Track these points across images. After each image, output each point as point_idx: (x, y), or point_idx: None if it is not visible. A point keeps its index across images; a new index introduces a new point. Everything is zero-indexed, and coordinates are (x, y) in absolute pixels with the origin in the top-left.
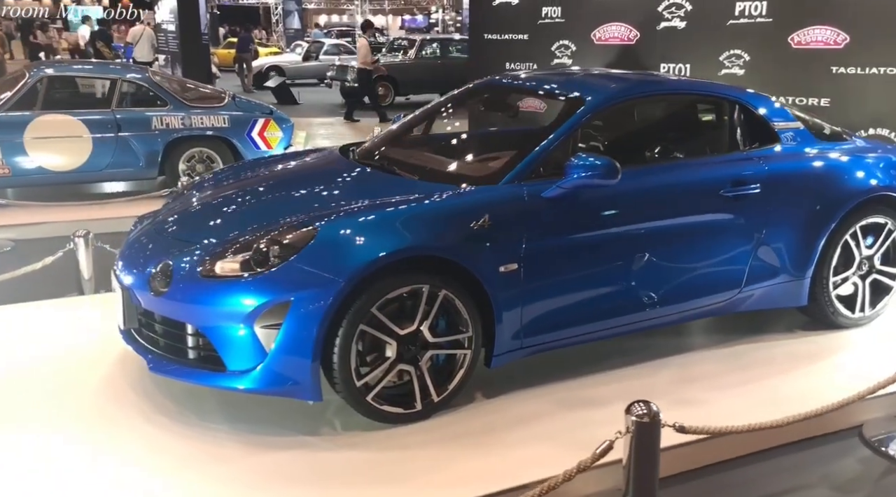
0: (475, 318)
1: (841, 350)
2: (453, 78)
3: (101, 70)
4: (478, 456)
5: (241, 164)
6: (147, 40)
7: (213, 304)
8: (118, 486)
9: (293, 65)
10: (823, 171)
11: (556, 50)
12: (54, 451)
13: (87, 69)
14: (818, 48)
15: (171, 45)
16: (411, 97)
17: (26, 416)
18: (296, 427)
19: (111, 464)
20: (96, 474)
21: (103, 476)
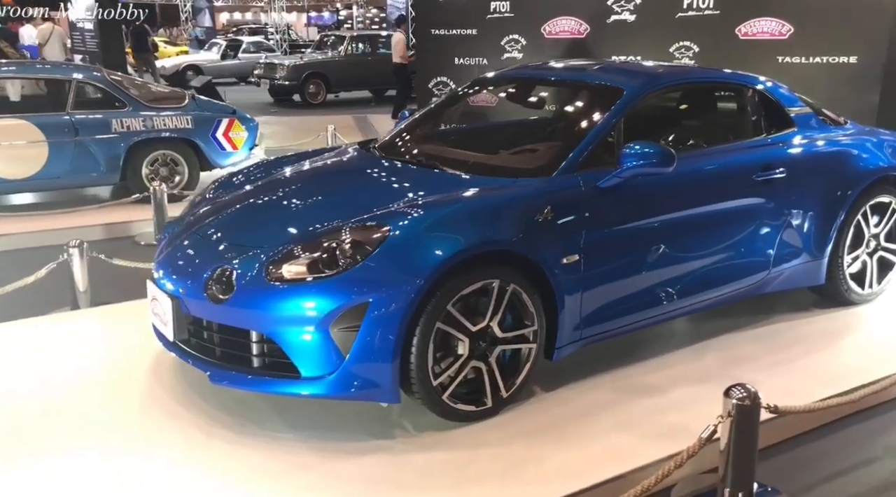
0: (540, 312)
1: (866, 325)
2: (384, 75)
3: (53, 71)
4: (561, 450)
5: (262, 163)
6: (57, 39)
7: (284, 309)
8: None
9: (211, 64)
10: (837, 154)
11: (506, 44)
12: (128, 475)
13: (37, 70)
14: (764, 39)
15: (90, 45)
16: (341, 95)
17: (80, 441)
18: (366, 431)
19: (192, 481)
20: (181, 492)
21: (189, 493)
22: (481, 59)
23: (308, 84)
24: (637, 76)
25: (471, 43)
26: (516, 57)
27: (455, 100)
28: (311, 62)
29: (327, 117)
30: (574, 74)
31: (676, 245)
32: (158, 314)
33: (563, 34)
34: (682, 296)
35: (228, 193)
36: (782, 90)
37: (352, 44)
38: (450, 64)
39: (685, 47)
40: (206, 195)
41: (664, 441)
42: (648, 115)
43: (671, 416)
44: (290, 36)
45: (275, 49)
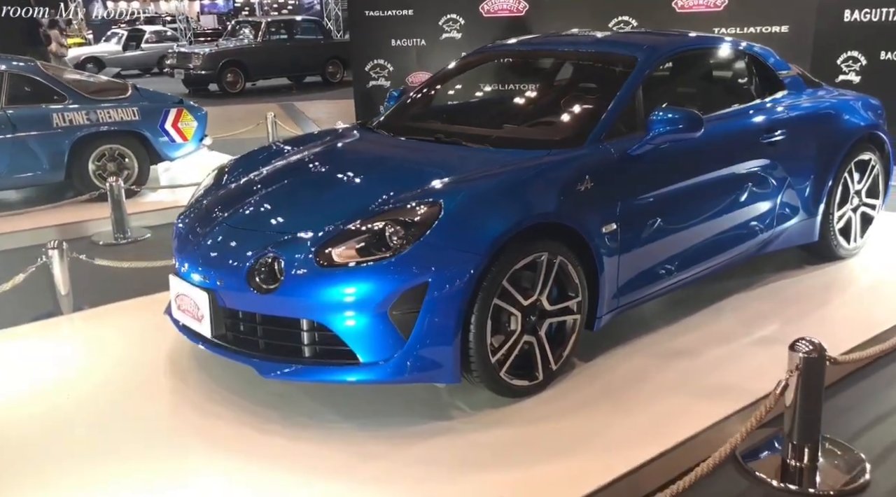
0: (583, 283)
1: (859, 276)
2: (303, 61)
3: None
4: (621, 417)
5: (268, 147)
6: None
7: (339, 295)
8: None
9: (113, 55)
10: (827, 115)
11: (444, 24)
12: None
13: None
14: (700, 11)
15: None
16: (259, 82)
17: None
18: (421, 414)
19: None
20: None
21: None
22: (419, 40)
23: (225, 73)
24: (647, 44)
25: (407, 24)
26: (455, 37)
27: (450, 75)
28: (227, 50)
29: (252, 106)
30: (582, 46)
31: (700, 208)
32: (188, 310)
33: (502, 13)
34: (705, 258)
35: (242, 179)
36: (773, 54)
37: (268, 30)
38: (386, 46)
39: (624, 22)
40: (214, 181)
41: (717, 400)
42: (655, 82)
43: (715, 376)
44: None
45: (179, 38)
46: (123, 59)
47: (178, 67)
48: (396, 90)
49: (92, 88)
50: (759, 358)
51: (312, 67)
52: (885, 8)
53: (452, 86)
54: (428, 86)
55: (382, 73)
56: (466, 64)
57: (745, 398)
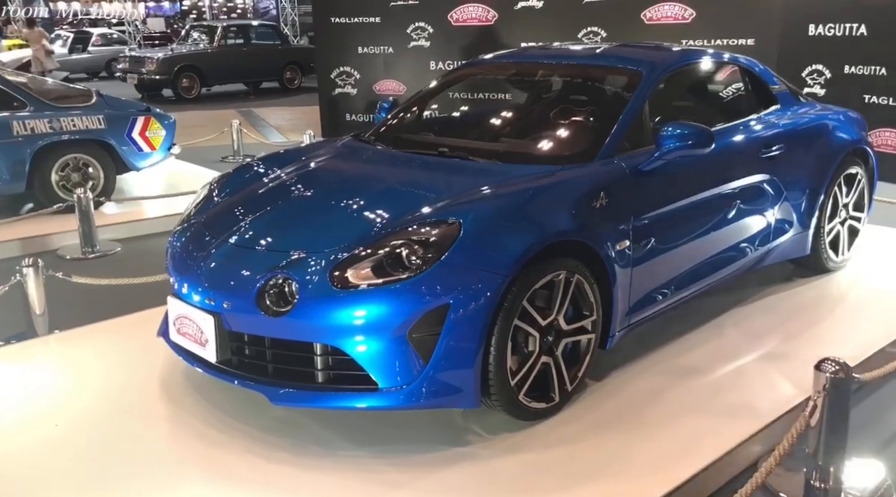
0: (598, 301)
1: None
2: (260, 66)
3: None
4: (643, 440)
5: (261, 160)
6: None
7: (356, 318)
8: None
9: (58, 58)
10: (818, 130)
11: (412, 32)
12: None
13: None
14: (669, 23)
15: None
16: (215, 88)
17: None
18: (437, 440)
19: None
20: None
21: None
22: (387, 48)
23: (181, 78)
24: (649, 58)
25: (374, 31)
26: (423, 45)
27: (444, 86)
28: (182, 54)
29: (210, 113)
30: (582, 59)
31: (707, 223)
32: (190, 334)
33: (471, 21)
34: (710, 273)
35: (239, 194)
36: (764, 68)
37: (225, 35)
38: (352, 53)
39: (593, 32)
40: (207, 196)
41: (734, 419)
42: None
43: (727, 394)
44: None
45: (128, 41)
46: (70, 63)
47: (130, 72)
48: (387, 102)
49: (54, 95)
50: (768, 375)
51: (270, 73)
52: (848, 23)
53: (446, 97)
54: (422, 97)
55: (349, 80)
56: (461, 75)
57: (762, 417)
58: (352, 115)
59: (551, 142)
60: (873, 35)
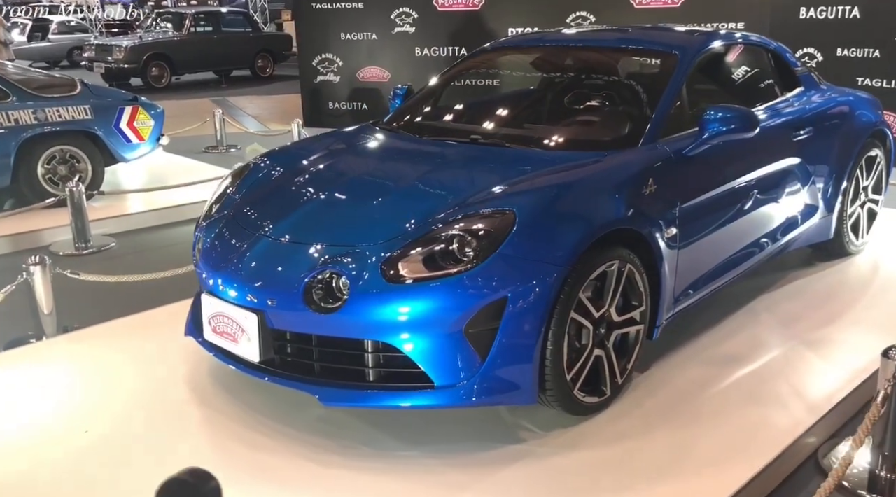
0: (647, 291)
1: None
2: (231, 54)
3: None
4: (701, 433)
5: (285, 149)
6: None
7: (410, 314)
8: None
9: (17, 46)
10: (841, 112)
11: (396, 18)
12: None
13: None
14: (658, 7)
15: None
16: (185, 76)
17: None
18: (491, 438)
19: None
20: None
21: None
22: (370, 34)
23: (150, 66)
24: (682, 40)
25: (357, 17)
26: (408, 31)
27: (462, 71)
28: (152, 42)
29: (183, 102)
30: (613, 42)
31: (746, 207)
32: (229, 333)
33: (457, 7)
34: (748, 258)
35: (271, 185)
36: (788, 51)
37: (194, 22)
38: (335, 40)
39: (581, 17)
40: (234, 187)
41: (788, 409)
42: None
43: (774, 383)
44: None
45: (89, 29)
46: (29, 52)
47: (97, 60)
48: (402, 88)
49: (37, 84)
50: (812, 362)
51: (241, 61)
52: (840, 6)
53: (468, 82)
54: (441, 83)
55: (331, 67)
56: (480, 60)
57: (816, 406)
58: (335, 103)
59: (593, 127)
60: (866, 17)
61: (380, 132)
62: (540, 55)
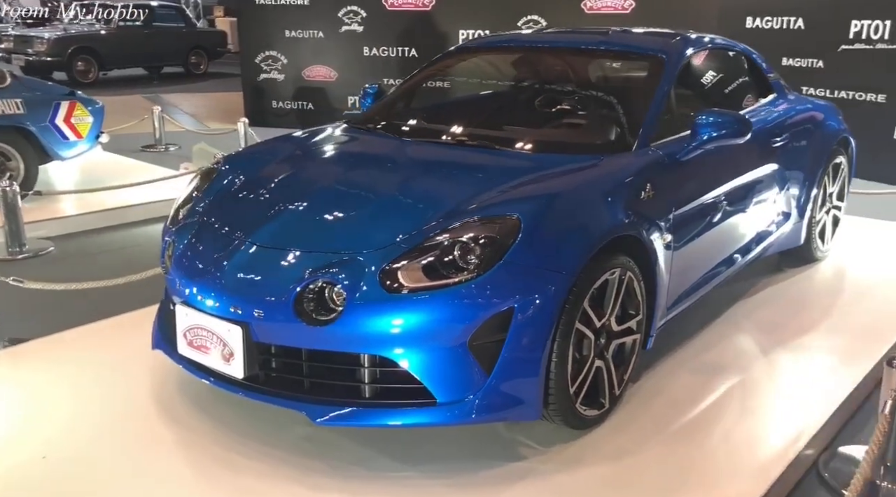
0: (643, 300)
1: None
2: (162, 50)
3: None
4: (702, 446)
5: (256, 149)
6: None
7: (411, 326)
8: None
9: None
10: (812, 118)
11: (344, 16)
12: None
13: None
14: (609, 13)
15: None
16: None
17: None
18: (489, 455)
19: None
20: None
21: None
22: (316, 33)
23: (75, 60)
24: (666, 43)
25: (302, 14)
26: (356, 30)
27: (441, 69)
28: (77, 35)
29: (114, 98)
30: (597, 45)
31: (732, 213)
32: (208, 347)
33: (406, 6)
34: (729, 264)
35: (247, 186)
36: (761, 57)
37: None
38: (279, 37)
39: (533, 21)
40: (204, 189)
41: (784, 420)
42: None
43: (767, 392)
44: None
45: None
46: None
47: (16, 52)
48: (371, 87)
49: None
50: (800, 369)
51: (173, 57)
52: (785, 16)
53: (444, 82)
54: (418, 82)
55: (275, 65)
56: (459, 59)
57: (813, 416)
58: (279, 102)
59: (584, 130)
60: (810, 28)
61: (356, 132)
62: (522, 56)
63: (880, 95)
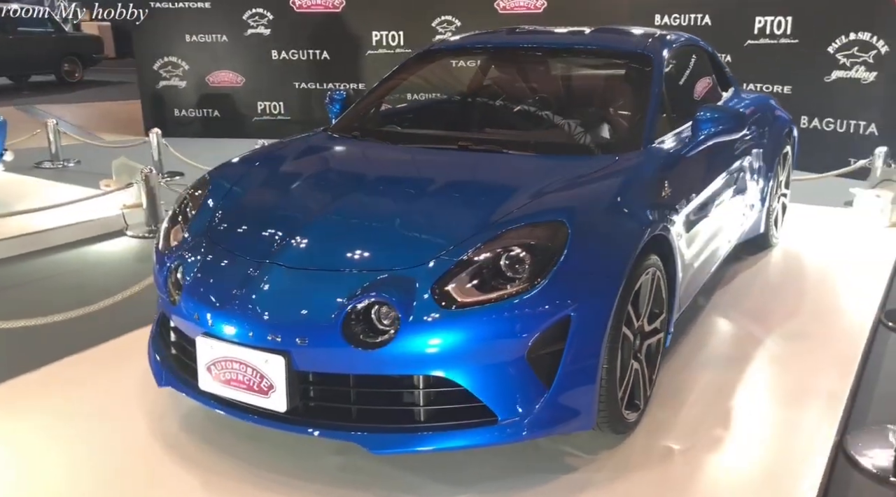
0: (667, 298)
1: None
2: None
3: None
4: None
5: (248, 163)
6: None
7: (469, 342)
8: None
9: None
10: (770, 111)
11: (249, 19)
12: None
13: None
14: (521, 12)
15: None
16: None
17: None
18: (543, 468)
19: None
20: None
21: None
22: (220, 37)
23: None
24: (648, 41)
25: (204, 17)
26: (263, 33)
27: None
28: None
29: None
30: (581, 44)
31: (721, 206)
32: (242, 381)
33: (316, 7)
34: (719, 257)
35: (246, 205)
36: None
37: None
38: (179, 42)
39: (447, 21)
40: (192, 210)
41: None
42: None
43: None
44: None
45: None
46: None
47: None
48: (339, 93)
49: None
50: (800, 355)
51: (44, 65)
52: (692, 13)
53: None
54: (389, 86)
55: (176, 72)
56: (428, 61)
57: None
58: (182, 110)
59: (591, 131)
60: (717, 24)
61: (348, 141)
62: (509, 57)
63: (786, 87)
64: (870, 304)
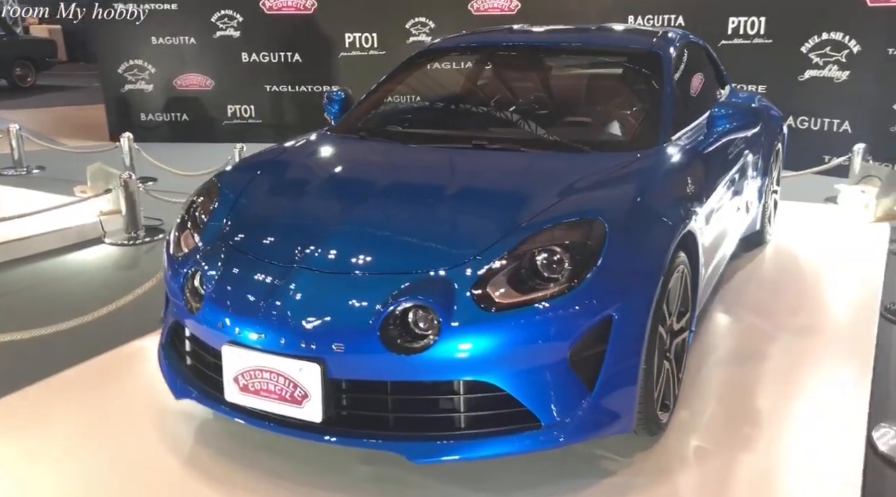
0: (692, 295)
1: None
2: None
3: None
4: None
5: (256, 165)
6: None
7: (511, 345)
8: None
9: None
10: (763, 108)
11: (218, 21)
12: None
13: None
14: (495, 14)
15: None
16: None
17: None
18: (582, 473)
19: None
20: None
21: None
22: (188, 39)
23: None
24: (654, 39)
25: (170, 19)
26: (232, 35)
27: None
28: None
29: None
30: (593, 41)
31: (731, 202)
32: (273, 391)
33: (286, 9)
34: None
35: (264, 208)
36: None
37: None
38: (145, 44)
39: (421, 23)
40: (204, 215)
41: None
42: None
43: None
44: None
45: None
46: None
47: None
48: (337, 93)
49: None
50: (816, 351)
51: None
52: (665, 14)
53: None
54: (391, 86)
55: (142, 75)
56: (430, 59)
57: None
58: (148, 114)
59: (608, 128)
60: (690, 25)
61: (357, 141)
62: (516, 55)
63: (761, 86)
64: (869, 299)
